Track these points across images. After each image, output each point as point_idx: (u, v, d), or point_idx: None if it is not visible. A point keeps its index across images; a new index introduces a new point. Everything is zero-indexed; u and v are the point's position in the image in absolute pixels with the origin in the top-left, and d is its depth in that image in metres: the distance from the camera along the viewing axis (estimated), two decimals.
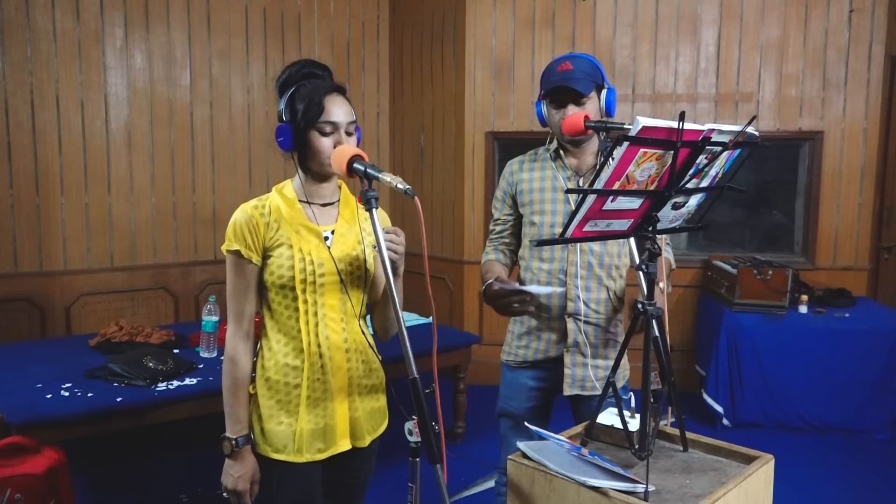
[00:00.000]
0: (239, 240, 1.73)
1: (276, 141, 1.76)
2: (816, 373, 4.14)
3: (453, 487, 3.43)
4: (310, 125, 1.71)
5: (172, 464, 3.80)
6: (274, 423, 1.78)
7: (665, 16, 4.78)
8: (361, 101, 5.61)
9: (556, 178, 2.23)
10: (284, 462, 1.78)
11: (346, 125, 1.74)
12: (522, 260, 2.33)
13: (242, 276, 1.76)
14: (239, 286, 1.76)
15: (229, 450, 1.75)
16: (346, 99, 1.78)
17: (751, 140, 1.56)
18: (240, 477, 1.76)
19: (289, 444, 1.77)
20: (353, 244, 1.83)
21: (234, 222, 1.75)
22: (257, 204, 1.78)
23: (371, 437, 1.88)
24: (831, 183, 4.71)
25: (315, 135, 1.72)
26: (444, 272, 5.30)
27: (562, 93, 2.12)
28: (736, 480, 1.54)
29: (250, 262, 1.74)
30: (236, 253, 1.74)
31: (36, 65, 4.33)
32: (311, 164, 1.77)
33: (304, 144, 1.73)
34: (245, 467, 1.76)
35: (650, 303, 1.60)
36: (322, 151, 1.72)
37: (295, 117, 1.72)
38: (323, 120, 1.71)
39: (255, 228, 1.73)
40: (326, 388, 1.78)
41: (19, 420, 2.66)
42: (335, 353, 1.78)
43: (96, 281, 4.59)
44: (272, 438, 1.78)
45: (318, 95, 1.71)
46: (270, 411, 1.78)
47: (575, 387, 2.22)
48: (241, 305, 1.77)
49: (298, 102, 1.72)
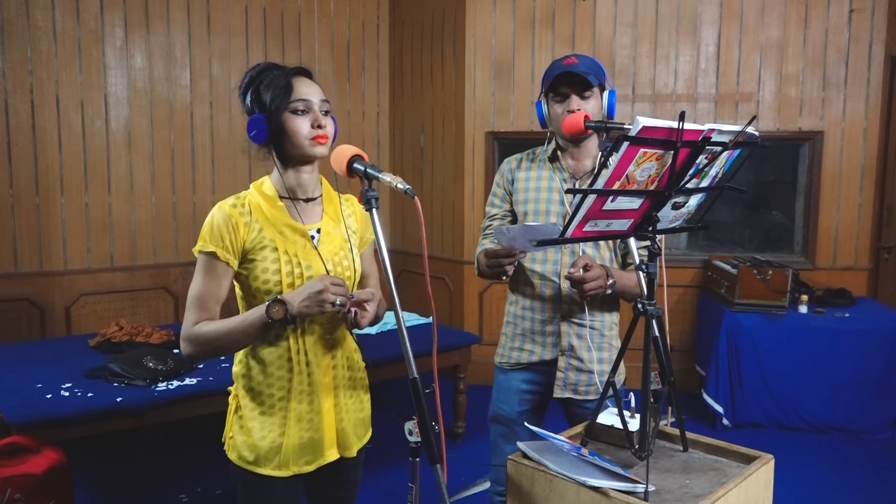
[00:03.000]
0: (216, 241, 1.62)
1: (248, 137, 1.66)
2: (816, 373, 4.14)
3: (453, 487, 3.43)
4: (281, 108, 1.61)
5: (172, 464, 3.80)
6: (257, 437, 1.68)
7: (665, 16, 4.78)
8: (361, 101, 5.61)
9: (553, 179, 2.21)
10: (268, 477, 1.69)
11: (318, 103, 1.65)
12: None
13: (214, 279, 1.63)
14: (209, 289, 1.63)
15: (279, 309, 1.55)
16: (314, 81, 1.69)
17: (751, 140, 1.56)
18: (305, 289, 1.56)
19: (274, 459, 1.68)
20: (340, 243, 1.75)
21: (212, 222, 1.64)
22: (235, 202, 1.67)
23: (358, 447, 1.82)
24: (831, 183, 4.71)
25: (289, 116, 1.62)
26: (444, 272, 5.30)
27: (567, 83, 2.09)
28: (736, 480, 1.54)
29: (227, 265, 1.63)
30: (212, 255, 1.62)
31: (36, 65, 4.33)
32: (290, 150, 1.66)
33: (280, 131, 1.63)
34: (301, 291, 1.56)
35: (650, 303, 1.60)
36: (299, 132, 1.62)
37: (264, 106, 1.63)
38: (294, 98, 1.62)
39: (234, 229, 1.63)
40: (313, 398, 1.70)
41: (19, 420, 2.66)
42: (322, 361, 1.71)
43: (96, 281, 4.59)
44: (256, 453, 1.69)
45: (284, 78, 1.64)
46: (253, 423, 1.69)
47: (567, 389, 2.20)
48: (206, 305, 1.64)
49: (265, 91, 1.64)
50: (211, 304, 1.64)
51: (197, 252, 1.66)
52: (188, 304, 1.66)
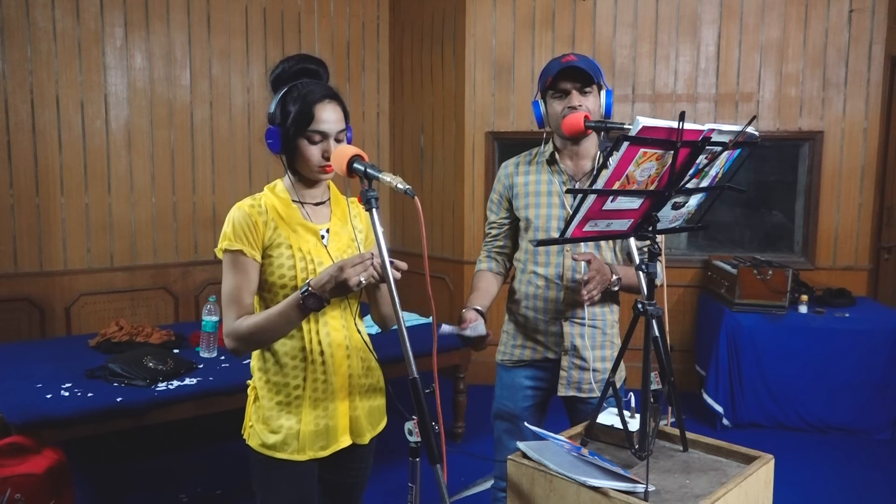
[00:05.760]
0: (240, 239, 1.71)
1: (265, 142, 1.75)
2: (816, 373, 4.14)
3: (453, 487, 3.43)
4: (299, 133, 1.69)
5: (172, 464, 3.80)
6: (275, 426, 1.78)
7: (665, 16, 4.78)
8: (361, 101, 5.61)
9: (552, 182, 2.21)
10: (285, 461, 1.78)
11: (335, 133, 1.71)
12: (518, 262, 2.31)
13: (244, 274, 1.72)
14: (241, 283, 1.72)
15: (318, 304, 1.61)
16: (340, 103, 1.75)
17: (751, 140, 1.56)
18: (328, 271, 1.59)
19: (291, 444, 1.78)
20: (347, 242, 1.84)
21: (233, 222, 1.72)
22: (253, 203, 1.76)
23: (371, 435, 1.90)
24: (831, 183, 4.71)
25: (304, 142, 1.70)
26: (443, 272, 5.30)
27: (568, 79, 2.09)
28: (736, 480, 1.54)
29: (253, 261, 1.72)
30: (238, 252, 1.71)
31: (36, 65, 4.33)
32: (299, 169, 1.76)
33: (293, 150, 1.72)
34: (326, 272, 1.60)
35: (650, 303, 1.60)
36: (310, 160, 1.71)
37: (285, 122, 1.70)
38: (312, 129, 1.69)
39: (254, 227, 1.72)
40: (328, 388, 1.78)
41: (19, 420, 2.66)
42: (336, 351, 1.78)
43: (96, 281, 4.59)
44: (274, 439, 1.78)
45: (309, 104, 1.69)
46: (271, 412, 1.78)
47: (571, 388, 2.22)
48: (241, 300, 1.72)
49: (290, 106, 1.69)
50: (245, 297, 1.73)
51: (221, 252, 1.74)
52: (224, 302, 1.75)
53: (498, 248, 2.36)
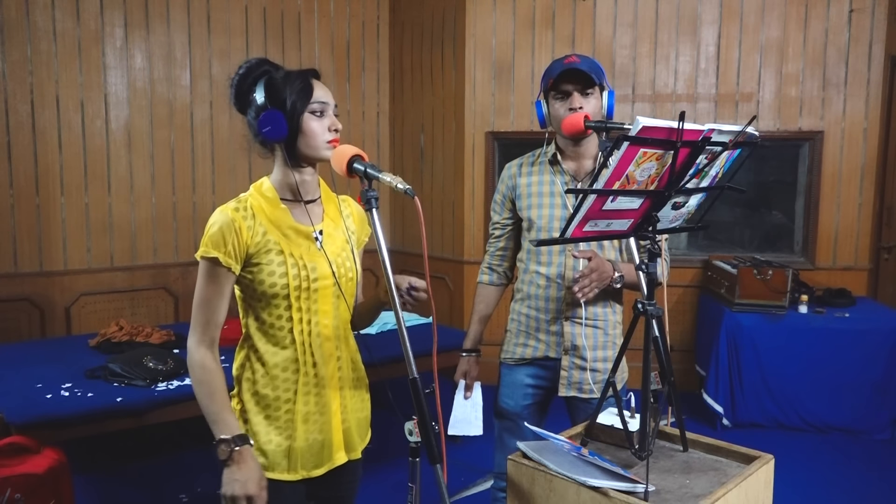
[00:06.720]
0: (218, 246, 1.59)
1: (261, 132, 1.62)
2: (816, 373, 4.14)
3: (453, 487, 3.43)
4: (303, 108, 1.62)
5: (172, 464, 3.80)
6: (264, 441, 1.67)
7: (665, 16, 4.78)
8: (361, 101, 5.61)
9: (555, 182, 2.22)
10: (275, 481, 1.67)
11: (332, 107, 1.68)
12: (521, 262, 2.32)
13: (216, 285, 1.61)
14: (211, 295, 1.61)
15: (227, 454, 1.54)
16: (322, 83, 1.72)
17: (751, 140, 1.56)
18: (248, 480, 1.55)
19: (282, 462, 1.68)
20: (341, 244, 1.76)
21: (214, 226, 1.60)
22: (237, 206, 1.64)
23: (362, 447, 1.83)
24: (831, 183, 4.71)
25: (308, 117, 1.63)
26: (443, 272, 5.30)
27: (569, 80, 2.09)
28: (736, 480, 1.54)
29: (228, 271, 1.61)
30: (213, 260, 1.59)
31: (36, 65, 4.33)
32: (303, 150, 1.65)
33: (297, 130, 1.63)
34: (250, 469, 1.56)
35: (650, 303, 1.60)
36: (318, 135, 1.64)
37: (282, 104, 1.62)
38: (314, 100, 1.63)
39: (237, 233, 1.60)
40: (320, 401, 1.70)
41: (19, 420, 2.66)
42: (329, 362, 1.71)
43: (96, 281, 4.59)
44: (263, 457, 1.67)
45: (303, 79, 1.64)
46: (259, 427, 1.67)
47: (572, 388, 2.22)
48: (211, 314, 1.62)
49: (284, 88, 1.63)
50: (213, 312, 1.63)
51: (199, 257, 1.63)
52: (194, 307, 1.65)
53: (501, 249, 2.38)
